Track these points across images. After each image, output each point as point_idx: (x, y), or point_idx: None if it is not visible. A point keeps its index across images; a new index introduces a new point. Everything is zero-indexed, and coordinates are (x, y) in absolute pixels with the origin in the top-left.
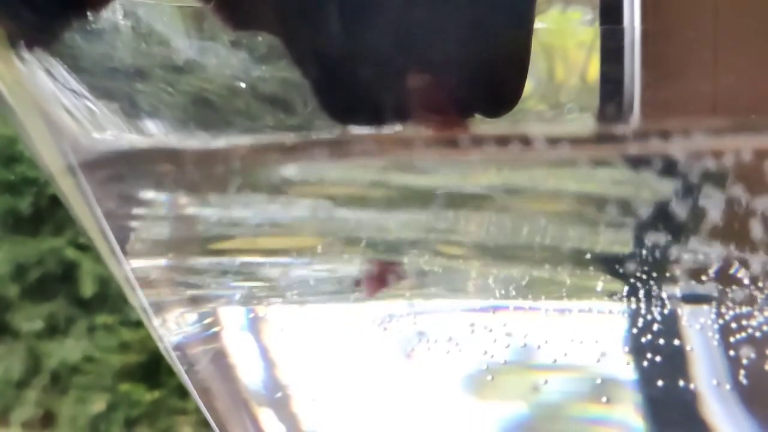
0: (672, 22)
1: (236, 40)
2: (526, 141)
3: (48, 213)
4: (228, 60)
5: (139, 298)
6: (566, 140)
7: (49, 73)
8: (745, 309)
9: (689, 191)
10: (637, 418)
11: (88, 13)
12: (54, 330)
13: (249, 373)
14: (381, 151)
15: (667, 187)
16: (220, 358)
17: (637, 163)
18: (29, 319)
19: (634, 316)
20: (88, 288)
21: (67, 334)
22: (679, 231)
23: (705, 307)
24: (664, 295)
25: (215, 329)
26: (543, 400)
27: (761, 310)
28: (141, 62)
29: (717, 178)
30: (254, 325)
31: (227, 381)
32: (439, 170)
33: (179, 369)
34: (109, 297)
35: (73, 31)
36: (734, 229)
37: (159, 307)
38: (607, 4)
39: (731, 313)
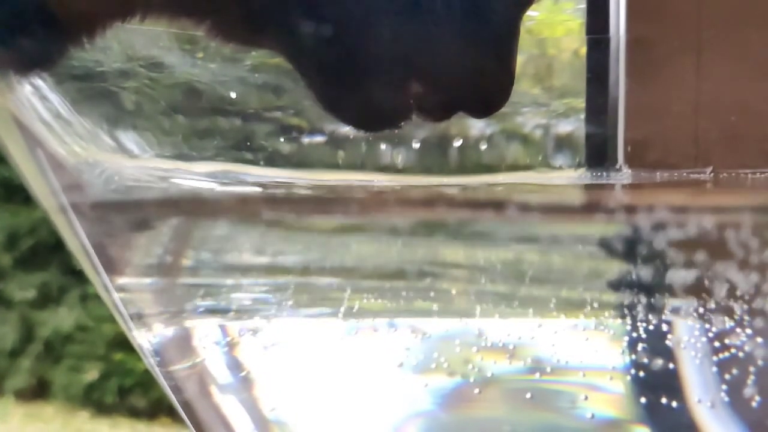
0: (656, 31)
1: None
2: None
3: None
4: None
5: (122, 313)
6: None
7: (38, 97)
8: (728, 326)
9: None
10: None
11: (84, 40)
12: (47, 299)
13: (225, 383)
14: (362, 210)
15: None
16: (198, 368)
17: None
18: (22, 288)
19: (620, 333)
20: None
21: (60, 303)
22: (659, 256)
23: (689, 323)
24: (649, 314)
25: (193, 343)
26: (532, 415)
27: (743, 329)
28: (128, 68)
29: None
30: (228, 338)
31: (204, 390)
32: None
33: (160, 380)
34: None
35: (68, 56)
36: (715, 255)
37: (140, 322)
38: (594, 13)
39: (714, 330)
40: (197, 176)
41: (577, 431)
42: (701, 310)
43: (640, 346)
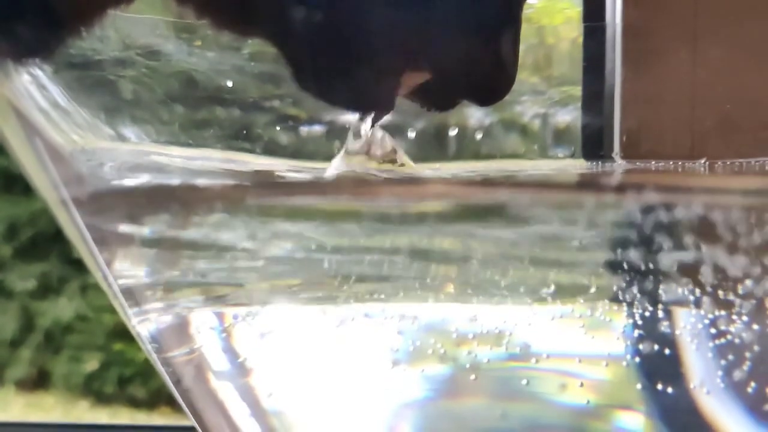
0: (652, 19)
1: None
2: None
3: None
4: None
5: (120, 300)
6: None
7: (36, 86)
8: (724, 313)
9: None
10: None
11: (81, 28)
12: (47, 289)
13: (222, 369)
14: (355, 197)
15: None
16: (195, 355)
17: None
18: (22, 279)
19: (616, 319)
20: None
21: (60, 293)
22: (656, 240)
23: (685, 310)
24: (646, 299)
25: (190, 330)
26: (527, 401)
27: (740, 316)
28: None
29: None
30: (225, 325)
31: (202, 377)
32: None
33: (158, 366)
34: None
35: (66, 45)
36: (713, 240)
37: (139, 309)
38: (590, 1)
39: (711, 316)
40: (194, 164)
41: (573, 417)
42: (700, 295)
43: (636, 332)
